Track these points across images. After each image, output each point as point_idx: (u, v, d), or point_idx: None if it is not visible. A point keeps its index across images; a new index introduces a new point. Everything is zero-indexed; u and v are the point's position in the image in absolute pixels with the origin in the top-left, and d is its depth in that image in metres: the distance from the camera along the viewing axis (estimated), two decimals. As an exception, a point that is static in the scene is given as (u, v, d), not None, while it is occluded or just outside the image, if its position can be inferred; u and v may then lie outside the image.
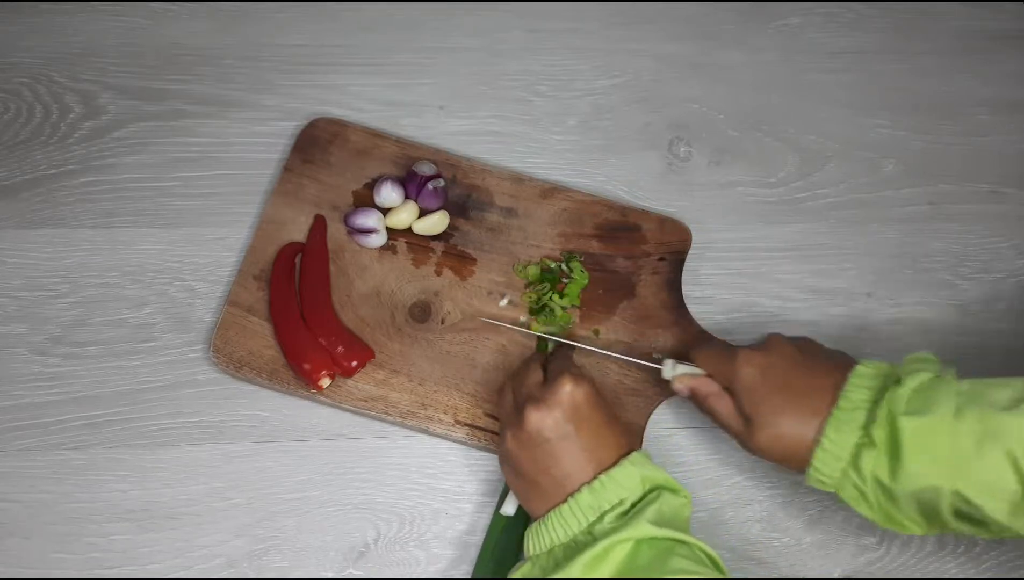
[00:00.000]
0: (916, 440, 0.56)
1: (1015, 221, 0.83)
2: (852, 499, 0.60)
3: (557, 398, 0.59)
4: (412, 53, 0.86)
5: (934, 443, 0.56)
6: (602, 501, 0.58)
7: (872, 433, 0.58)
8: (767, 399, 0.61)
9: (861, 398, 0.59)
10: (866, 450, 0.58)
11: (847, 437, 0.59)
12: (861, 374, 0.60)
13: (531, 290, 0.75)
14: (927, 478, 0.56)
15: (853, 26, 0.90)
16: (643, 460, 0.60)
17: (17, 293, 0.74)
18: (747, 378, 0.62)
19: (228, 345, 0.72)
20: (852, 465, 0.59)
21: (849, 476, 0.59)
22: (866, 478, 0.58)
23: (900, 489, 0.57)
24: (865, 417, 0.59)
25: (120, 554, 0.67)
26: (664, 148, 0.84)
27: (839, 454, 0.59)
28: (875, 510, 0.60)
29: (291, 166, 0.78)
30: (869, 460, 0.58)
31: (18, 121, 0.80)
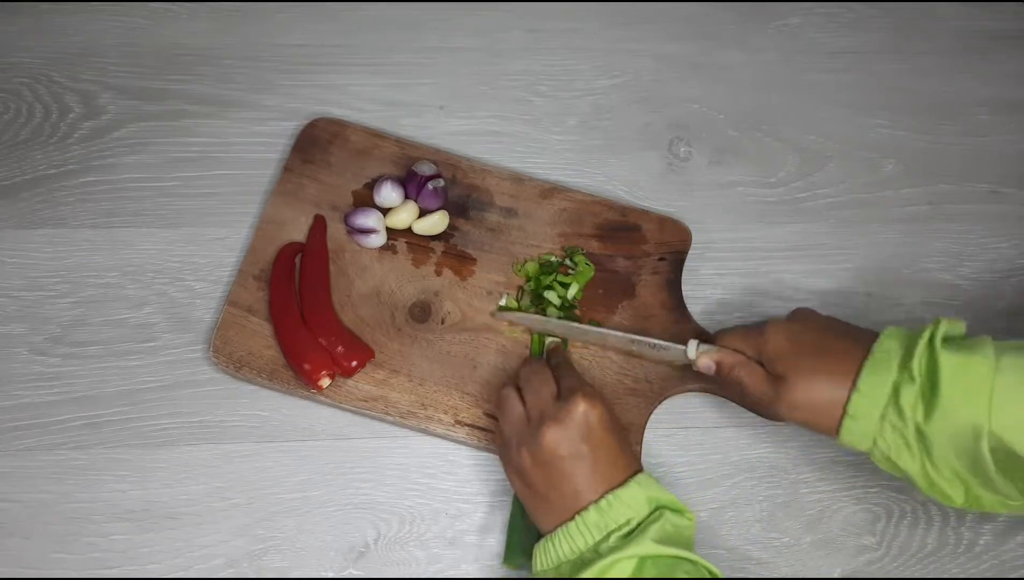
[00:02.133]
0: (955, 373, 0.56)
1: (1015, 221, 0.83)
2: (891, 450, 0.58)
3: (573, 418, 0.60)
4: (412, 53, 0.86)
5: (973, 378, 0.55)
6: (609, 520, 0.58)
7: (911, 367, 0.57)
8: (799, 360, 0.61)
9: (894, 346, 0.59)
10: (905, 386, 0.57)
11: (884, 377, 0.58)
12: (892, 330, 0.60)
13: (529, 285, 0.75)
14: (965, 415, 0.55)
15: (853, 26, 0.90)
16: (650, 482, 0.60)
17: (17, 293, 0.74)
18: (778, 343, 0.63)
19: (228, 345, 0.72)
20: (892, 404, 0.57)
21: (888, 419, 0.58)
22: (907, 418, 0.57)
23: (937, 432, 0.56)
24: (901, 359, 0.58)
25: (120, 554, 0.67)
26: (664, 148, 0.84)
27: (876, 395, 0.58)
28: (916, 460, 0.58)
29: (291, 166, 0.78)
30: (910, 396, 0.57)
31: (18, 121, 0.80)
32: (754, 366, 0.64)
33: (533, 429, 0.61)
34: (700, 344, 0.68)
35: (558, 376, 0.65)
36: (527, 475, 0.61)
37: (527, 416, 0.63)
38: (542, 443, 0.60)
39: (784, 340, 0.63)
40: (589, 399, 0.61)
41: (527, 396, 0.64)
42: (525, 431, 0.62)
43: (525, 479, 0.62)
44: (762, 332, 0.64)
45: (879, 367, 0.58)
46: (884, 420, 0.58)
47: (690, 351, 0.68)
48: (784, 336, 0.63)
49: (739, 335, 0.66)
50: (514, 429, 0.63)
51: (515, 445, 0.62)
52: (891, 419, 0.58)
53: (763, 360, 0.64)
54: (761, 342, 0.64)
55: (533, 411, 0.62)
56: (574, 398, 0.61)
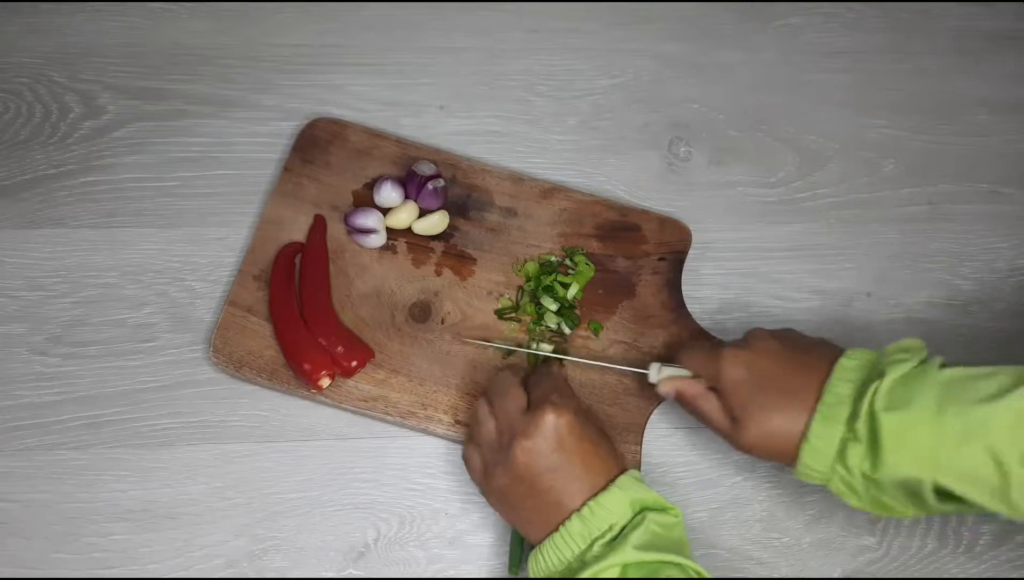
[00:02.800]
0: (895, 435, 0.56)
1: (1015, 221, 0.83)
2: (841, 492, 0.60)
3: (542, 431, 0.59)
4: (412, 53, 0.86)
5: (914, 438, 0.56)
6: (592, 528, 0.58)
7: (855, 428, 0.58)
8: (754, 397, 0.61)
9: (845, 392, 0.59)
10: (851, 444, 0.58)
11: (832, 431, 0.58)
12: (845, 367, 0.60)
13: (527, 286, 0.75)
14: (907, 470, 0.56)
15: (853, 26, 0.90)
16: (631, 483, 0.60)
17: (17, 293, 0.74)
18: (732, 377, 0.62)
19: (228, 345, 0.72)
20: (839, 459, 0.59)
21: (836, 470, 0.59)
22: (853, 472, 0.58)
23: (884, 478, 0.57)
24: (849, 411, 0.59)
25: (120, 554, 0.67)
26: (664, 148, 0.84)
27: (825, 449, 0.59)
28: (864, 501, 0.60)
29: (291, 166, 0.78)
30: (855, 454, 0.58)
31: (18, 121, 0.80)
32: (712, 398, 0.64)
33: (504, 447, 0.61)
34: (662, 367, 0.67)
35: (531, 386, 0.64)
36: (506, 494, 0.61)
37: (497, 432, 0.62)
38: (515, 460, 0.60)
39: (740, 372, 0.62)
40: (556, 408, 0.60)
41: (497, 413, 0.63)
42: (497, 450, 0.61)
43: (505, 498, 0.61)
44: (718, 358, 0.63)
45: (828, 419, 0.59)
46: (833, 471, 0.59)
47: (651, 376, 0.68)
48: (740, 367, 0.62)
49: (698, 357, 0.66)
50: (486, 448, 0.63)
51: (490, 466, 0.62)
52: (839, 471, 0.59)
53: (719, 389, 0.63)
54: (718, 371, 0.63)
55: (503, 427, 0.62)
56: (541, 409, 0.60)
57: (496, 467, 0.61)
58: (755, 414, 0.61)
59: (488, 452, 0.63)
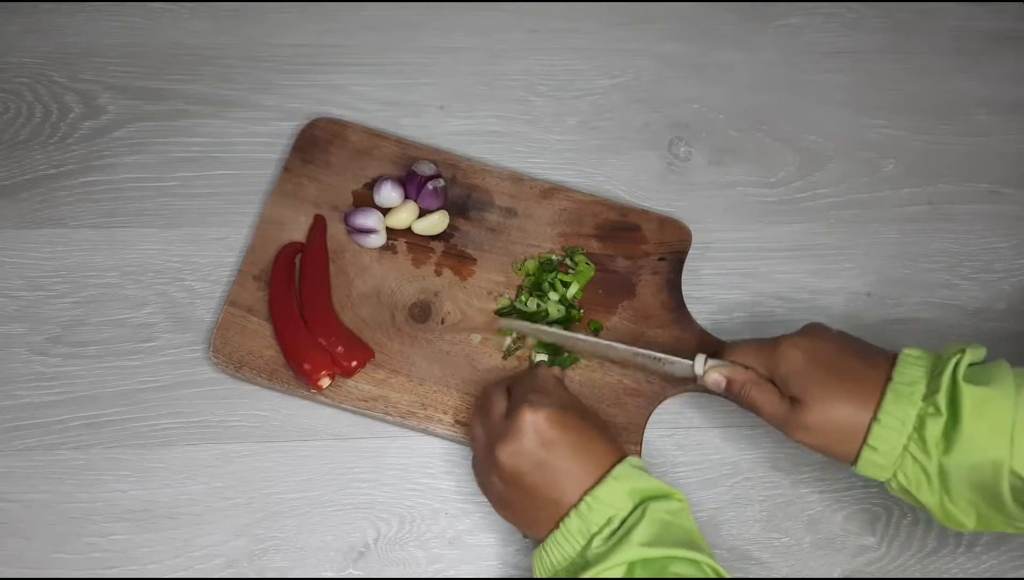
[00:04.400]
0: (978, 408, 0.54)
1: (1015, 221, 0.83)
2: (910, 482, 0.57)
3: (520, 430, 0.59)
4: (412, 53, 0.86)
5: (995, 414, 0.54)
6: (590, 524, 0.57)
7: (936, 400, 0.56)
8: (818, 380, 0.59)
9: (917, 374, 0.58)
10: (931, 419, 0.56)
11: (907, 409, 0.56)
12: (911, 355, 0.59)
13: (526, 289, 0.75)
14: (985, 450, 0.54)
15: (853, 26, 0.90)
16: (628, 472, 0.58)
17: (17, 293, 0.74)
18: (794, 361, 0.61)
19: (228, 345, 0.72)
20: (915, 438, 0.56)
21: (910, 452, 0.56)
22: (930, 451, 0.55)
23: (956, 466, 0.55)
24: (925, 389, 0.57)
25: (120, 554, 0.67)
26: (664, 148, 0.84)
27: (899, 428, 0.56)
28: (935, 493, 0.57)
29: (291, 166, 0.78)
30: (935, 430, 0.55)
31: (18, 121, 0.80)
32: (766, 384, 0.62)
33: (491, 453, 0.60)
34: (708, 359, 0.66)
35: (512, 390, 0.64)
36: (504, 499, 0.61)
37: (486, 440, 0.62)
38: (501, 464, 0.59)
39: (799, 357, 0.61)
40: (532, 406, 0.59)
41: (484, 420, 0.63)
42: (487, 459, 0.61)
43: (504, 503, 0.61)
44: (775, 347, 0.62)
45: (902, 397, 0.57)
46: (906, 453, 0.57)
47: (697, 366, 0.66)
48: (799, 353, 0.61)
49: (750, 350, 0.64)
50: (481, 459, 0.63)
51: (487, 475, 0.62)
52: (914, 452, 0.57)
53: (776, 378, 0.62)
54: (774, 358, 0.62)
55: (490, 434, 0.62)
56: (518, 410, 0.59)
57: (490, 474, 0.61)
58: (819, 397, 0.59)
59: (482, 460, 0.63)
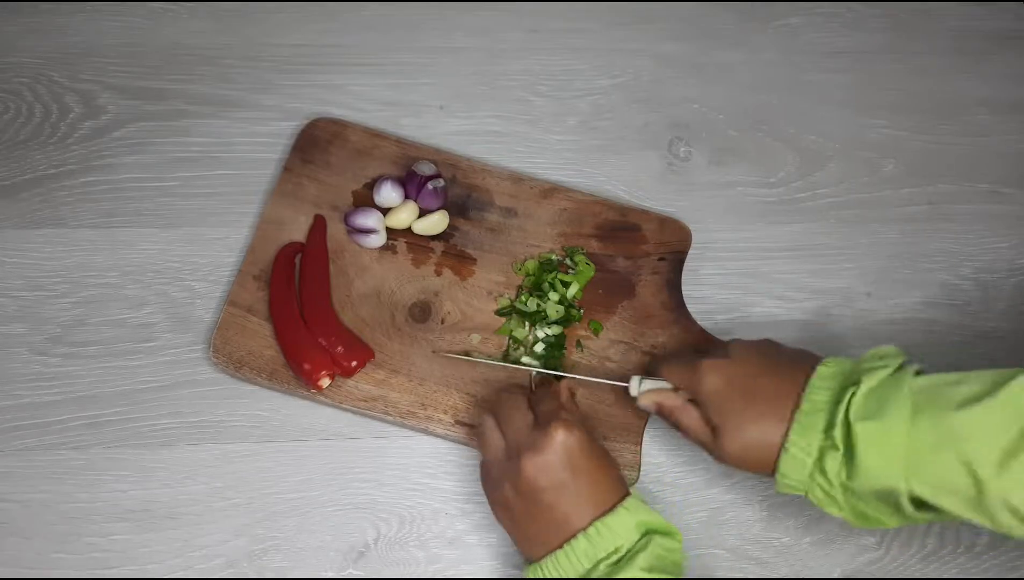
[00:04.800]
0: (869, 444, 0.56)
1: (1015, 221, 0.83)
2: (820, 502, 0.60)
3: (552, 447, 0.59)
4: (412, 53, 0.86)
5: (887, 447, 0.55)
6: (598, 549, 0.58)
7: (832, 436, 0.57)
8: (732, 407, 0.61)
9: (823, 399, 0.59)
10: (829, 453, 0.58)
11: (810, 440, 0.58)
12: (821, 375, 0.60)
13: (526, 289, 0.75)
14: (882, 479, 0.56)
15: (853, 26, 0.90)
16: (637, 505, 0.60)
17: (17, 293, 0.74)
18: (711, 387, 0.62)
19: (228, 345, 0.72)
20: (817, 468, 0.58)
21: (816, 479, 0.59)
22: (832, 481, 0.58)
23: (861, 487, 0.57)
24: (826, 419, 0.58)
25: (120, 554, 0.67)
26: (664, 148, 0.84)
27: (804, 459, 0.58)
28: (844, 510, 0.59)
29: (291, 166, 0.78)
30: (833, 463, 0.57)
31: (18, 121, 0.80)
32: (691, 410, 0.64)
33: (512, 461, 0.60)
34: (643, 379, 0.67)
35: (535, 403, 0.64)
36: (511, 508, 0.61)
37: (506, 448, 0.62)
38: (522, 475, 0.59)
39: (717, 382, 0.62)
40: (567, 426, 0.60)
41: (504, 427, 0.63)
42: (505, 464, 0.61)
43: (510, 512, 0.61)
44: (695, 370, 0.63)
45: (806, 428, 0.58)
46: (812, 480, 0.59)
47: (632, 389, 0.67)
48: (717, 377, 0.62)
49: (677, 370, 0.65)
50: (495, 463, 0.63)
51: (496, 479, 0.62)
52: (818, 480, 0.59)
53: (699, 401, 0.63)
54: (696, 381, 0.63)
55: (511, 442, 0.62)
56: (552, 426, 0.60)
57: (503, 481, 0.61)
58: (734, 425, 0.61)
59: (494, 466, 0.63)
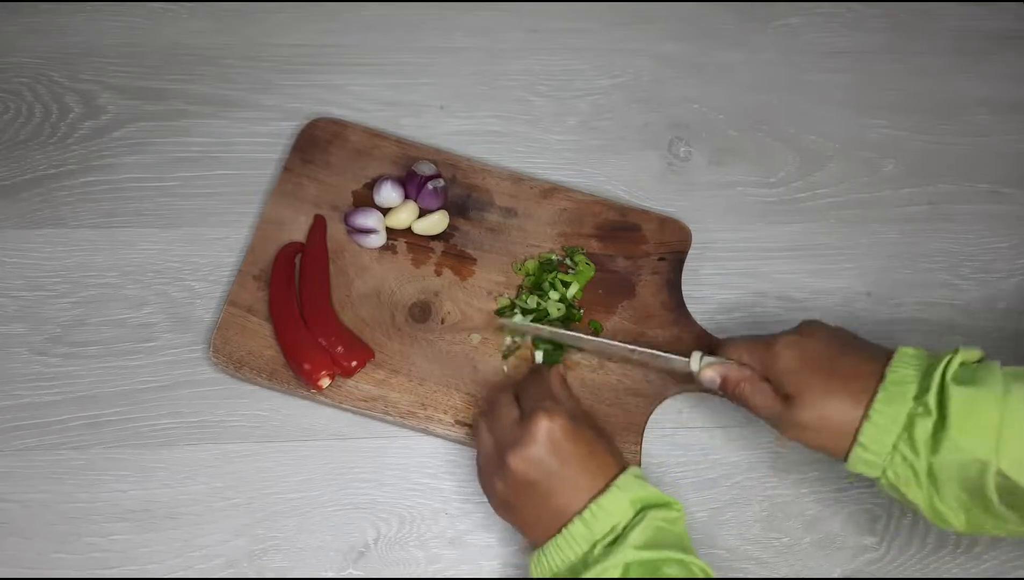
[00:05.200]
0: (964, 409, 0.55)
1: (1015, 221, 0.83)
2: (899, 480, 0.58)
3: (535, 437, 0.59)
4: (412, 53, 0.86)
5: (982, 414, 0.55)
6: (594, 531, 0.58)
7: (926, 400, 0.56)
8: (811, 379, 0.60)
9: (909, 374, 0.58)
10: (920, 419, 0.56)
11: (898, 408, 0.57)
12: (906, 353, 0.59)
13: (526, 289, 0.75)
14: (971, 450, 0.54)
15: (853, 26, 0.90)
16: (630, 482, 0.59)
17: (17, 293, 0.74)
18: (789, 359, 0.61)
19: (228, 345, 0.72)
20: (904, 437, 0.57)
21: (899, 451, 0.57)
22: (919, 450, 0.56)
23: (944, 465, 0.56)
24: (916, 390, 0.57)
25: (120, 554, 0.67)
26: (664, 148, 0.84)
27: (889, 427, 0.57)
28: (923, 491, 0.57)
29: (291, 166, 0.78)
30: (923, 430, 0.56)
31: (18, 121, 0.80)
32: (761, 382, 0.63)
33: (500, 458, 0.60)
34: (704, 356, 0.66)
35: (520, 396, 0.64)
36: (509, 503, 0.61)
37: (495, 446, 0.62)
38: (511, 471, 0.59)
39: (794, 355, 0.61)
40: (548, 414, 0.59)
41: (493, 426, 0.63)
42: (495, 462, 0.61)
43: (508, 507, 0.62)
44: (770, 345, 0.62)
45: (893, 397, 0.57)
46: (896, 451, 0.57)
47: (693, 364, 0.66)
48: (794, 351, 0.61)
49: (746, 347, 0.64)
50: (487, 462, 0.63)
51: (489, 477, 0.62)
52: (903, 451, 0.57)
53: (771, 376, 0.62)
54: (769, 356, 0.62)
55: (499, 440, 0.62)
56: (533, 417, 0.60)
57: (495, 479, 0.61)
58: (813, 395, 0.59)
59: (487, 465, 0.63)
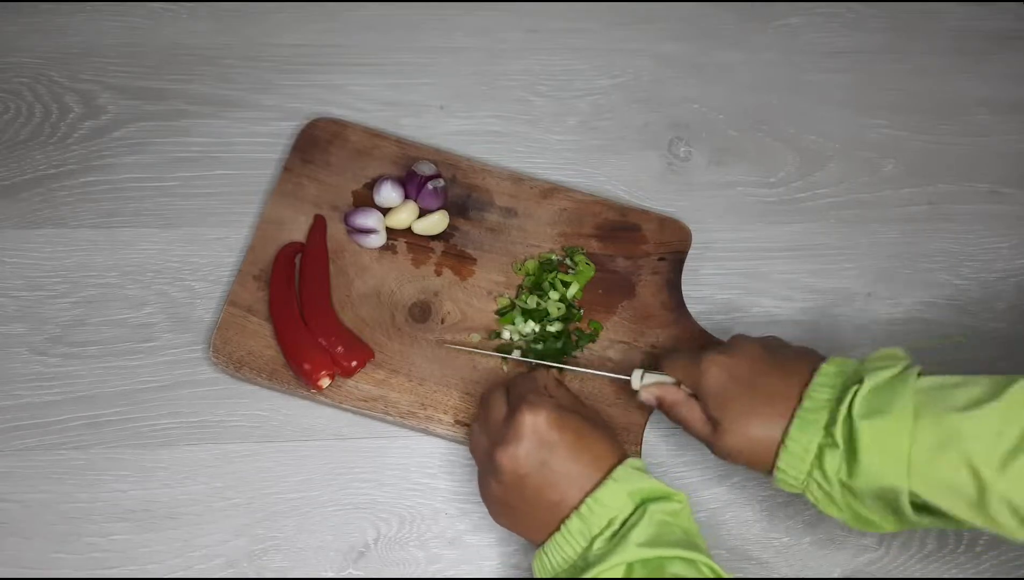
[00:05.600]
0: (873, 442, 0.56)
1: (1015, 221, 0.83)
2: (818, 500, 0.60)
3: (520, 432, 0.59)
4: (412, 53, 0.86)
5: (890, 445, 0.55)
6: (591, 525, 0.57)
7: (833, 433, 0.57)
8: (734, 402, 0.61)
9: (824, 397, 0.59)
10: (828, 450, 0.57)
11: (811, 437, 0.58)
12: (825, 373, 0.60)
13: (526, 289, 0.75)
14: (884, 478, 0.55)
15: (853, 26, 0.90)
16: (628, 474, 0.59)
17: (17, 293, 0.74)
18: (713, 381, 0.62)
19: (228, 345, 0.72)
20: (816, 466, 0.58)
21: (814, 477, 0.58)
22: (831, 479, 0.58)
23: (861, 486, 0.56)
24: (828, 417, 0.58)
25: (120, 554, 0.67)
26: (664, 148, 0.84)
27: (803, 455, 0.58)
28: (842, 510, 0.59)
29: (291, 166, 0.78)
30: (832, 461, 0.57)
31: (18, 121, 0.80)
32: (692, 404, 0.63)
33: (491, 457, 0.60)
34: (645, 374, 0.67)
35: (510, 392, 0.64)
36: (505, 502, 0.61)
37: (487, 445, 0.62)
38: (501, 468, 0.59)
39: (719, 374, 0.62)
40: (531, 407, 0.59)
41: (484, 425, 0.63)
42: (487, 462, 0.61)
43: (504, 507, 0.61)
44: (700, 364, 0.63)
45: (807, 425, 0.58)
46: (810, 477, 0.59)
47: (634, 382, 0.67)
48: (719, 371, 0.62)
49: (680, 364, 0.65)
50: (482, 464, 0.63)
51: (483, 478, 0.62)
52: (816, 479, 0.58)
53: (700, 395, 0.63)
54: (698, 375, 0.63)
55: (490, 438, 0.62)
56: (517, 412, 0.59)
57: (489, 479, 0.61)
58: (734, 419, 0.60)
59: (481, 466, 0.63)
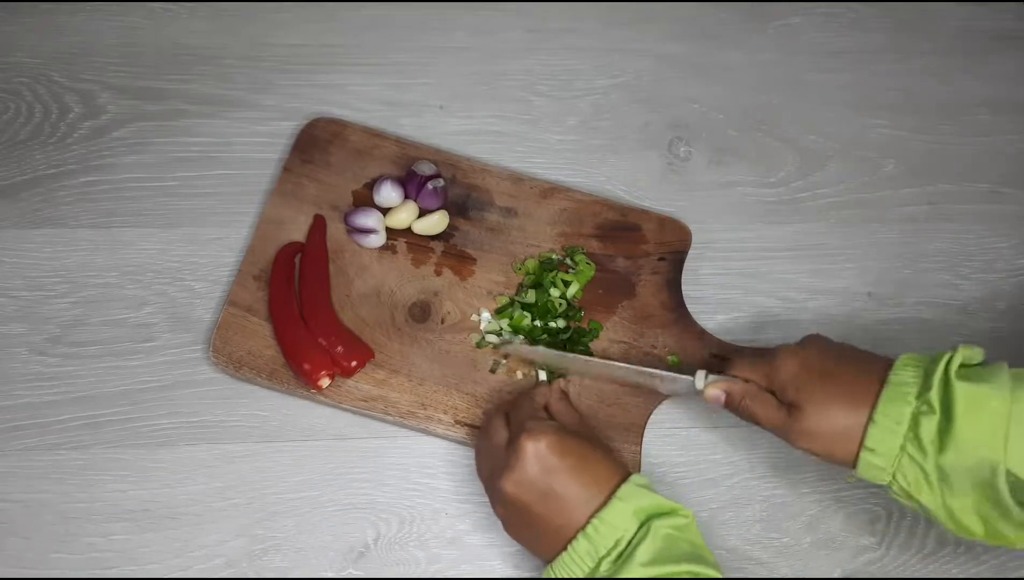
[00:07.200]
0: (970, 405, 0.54)
1: (1015, 221, 0.83)
2: (910, 486, 0.57)
3: (521, 462, 0.59)
4: (412, 53, 0.86)
5: (988, 411, 0.54)
6: (598, 547, 0.57)
7: (929, 397, 0.55)
8: (813, 388, 0.60)
9: (911, 375, 0.58)
10: (924, 417, 0.55)
11: (901, 408, 0.56)
12: (908, 357, 0.59)
13: (527, 280, 0.75)
14: (978, 448, 0.54)
15: (853, 26, 0.90)
16: (632, 492, 0.59)
17: (17, 293, 0.74)
18: (790, 370, 0.61)
19: (228, 345, 0.72)
20: (910, 437, 0.56)
21: (906, 452, 0.56)
22: (926, 449, 0.55)
23: (953, 465, 0.55)
24: (918, 389, 0.56)
25: (120, 554, 0.67)
26: (664, 148, 0.84)
27: (895, 427, 0.56)
28: (936, 494, 0.56)
29: (291, 166, 0.78)
30: (928, 428, 0.55)
31: (18, 121, 0.80)
32: (764, 395, 0.63)
33: (495, 484, 0.61)
34: (708, 374, 0.66)
35: (510, 416, 0.64)
36: (512, 523, 0.61)
37: (491, 471, 0.62)
38: (505, 495, 0.60)
39: (796, 366, 0.61)
40: (531, 435, 0.59)
41: (487, 451, 0.64)
42: (492, 489, 0.62)
43: (512, 527, 0.62)
44: (773, 358, 0.63)
45: (896, 397, 0.57)
46: (903, 453, 0.57)
47: (698, 382, 0.66)
48: (796, 362, 0.61)
49: (748, 362, 0.65)
50: (488, 489, 0.63)
51: (492, 501, 0.63)
52: (910, 452, 0.57)
53: (775, 388, 0.62)
54: (772, 369, 0.62)
55: (492, 465, 0.62)
56: (518, 440, 0.59)
57: (496, 503, 0.62)
58: (815, 404, 0.59)
59: (489, 492, 0.63)
